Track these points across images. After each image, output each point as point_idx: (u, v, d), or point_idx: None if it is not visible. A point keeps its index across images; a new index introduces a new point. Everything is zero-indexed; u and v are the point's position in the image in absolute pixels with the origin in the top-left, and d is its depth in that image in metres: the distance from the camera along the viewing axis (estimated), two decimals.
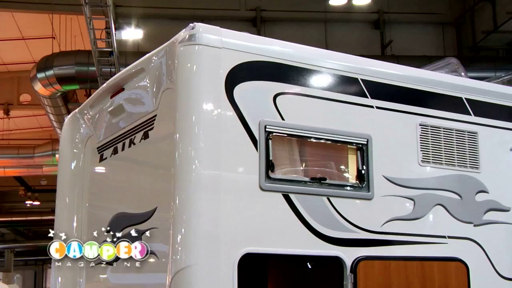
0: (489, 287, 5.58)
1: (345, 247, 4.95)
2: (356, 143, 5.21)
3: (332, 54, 5.52)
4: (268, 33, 16.78)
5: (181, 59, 4.76)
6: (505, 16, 18.29)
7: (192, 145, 4.60)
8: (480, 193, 5.72)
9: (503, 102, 6.12)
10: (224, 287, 4.43)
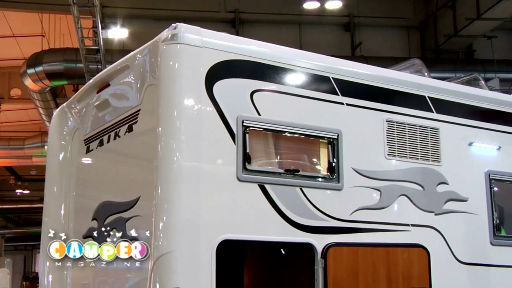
0: (448, 271, 5.63)
1: (316, 234, 4.96)
2: (327, 138, 5.22)
3: (306, 54, 5.52)
4: (246, 34, 16.78)
5: (164, 57, 4.74)
6: (465, 22, 18.46)
7: (174, 138, 4.58)
8: (441, 185, 5.77)
9: (462, 101, 6.17)
10: (203, 272, 4.42)
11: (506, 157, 6.35)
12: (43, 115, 19.51)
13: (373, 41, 19.69)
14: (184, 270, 4.37)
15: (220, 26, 16.13)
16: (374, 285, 5.05)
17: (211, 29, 5.01)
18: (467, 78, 7.32)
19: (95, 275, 5.63)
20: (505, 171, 6.27)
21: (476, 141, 6.17)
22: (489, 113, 6.33)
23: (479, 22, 18.25)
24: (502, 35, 20.88)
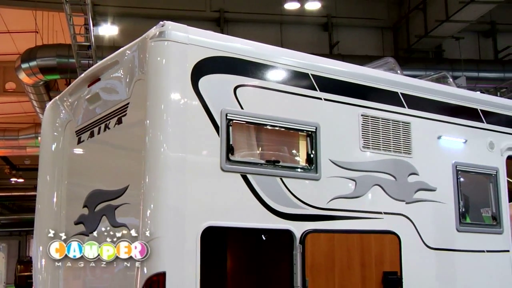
0: (417, 255, 5.66)
1: (295, 222, 4.97)
2: (306, 131, 5.22)
3: (286, 52, 5.51)
4: (230, 32, 16.76)
5: (152, 53, 4.71)
6: (434, 24, 18.59)
7: (161, 130, 4.56)
8: (411, 175, 5.80)
9: (432, 97, 6.20)
10: (188, 256, 4.42)
11: (471, 150, 6.39)
12: (36, 107, 19.43)
13: (350, 40, 19.76)
14: (170, 255, 4.36)
15: (205, 24, 16.11)
16: (349, 269, 5.07)
17: (197, 27, 4.99)
18: (436, 76, 7.36)
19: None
20: (470, 162, 6.32)
21: (445, 134, 6.21)
22: (457, 109, 6.36)
23: (448, 24, 18.39)
24: (469, 37, 21.04)
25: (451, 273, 6.01)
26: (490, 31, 21.77)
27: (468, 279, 6.09)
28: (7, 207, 38.60)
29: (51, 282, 5.78)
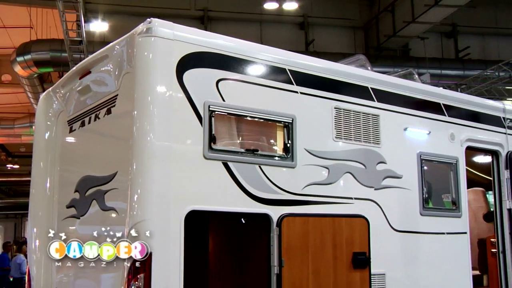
0: (384, 237, 5.70)
1: (273, 206, 4.96)
2: (283, 122, 5.21)
3: (265, 48, 5.48)
4: (213, 30, 16.75)
5: (139, 48, 4.67)
6: (402, 24, 18.71)
7: (148, 121, 4.52)
8: (380, 164, 5.82)
9: (399, 92, 6.23)
10: (173, 238, 4.40)
11: (434, 140, 6.44)
12: (31, 98, 19.30)
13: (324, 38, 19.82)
14: (156, 237, 4.33)
15: (190, 22, 16.05)
16: (321, 250, 5.08)
17: (182, 25, 4.94)
18: (403, 72, 7.39)
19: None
20: (433, 152, 6.37)
21: (410, 126, 6.24)
22: (421, 103, 6.39)
23: (414, 25, 18.52)
24: (433, 37, 21.21)
25: (415, 253, 6.05)
26: (451, 32, 21.97)
27: (430, 258, 6.15)
28: (3, 191, 38.30)
29: (45, 261, 5.69)
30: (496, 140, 7.06)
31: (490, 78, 19.60)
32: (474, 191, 8.47)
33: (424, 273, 6.07)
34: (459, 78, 19.89)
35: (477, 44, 22.10)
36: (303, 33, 19.86)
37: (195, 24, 15.87)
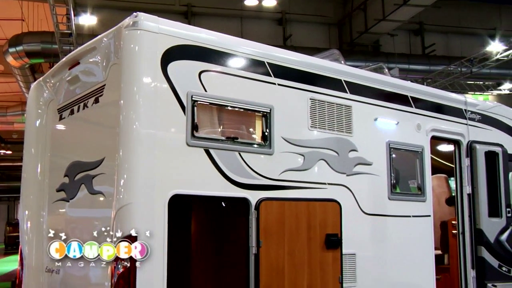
0: (355, 219, 5.72)
1: (251, 191, 4.95)
2: (262, 111, 5.18)
3: (245, 42, 5.44)
4: (196, 24, 16.64)
5: (126, 41, 4.60)
6: (373, 22, 18.81)
7: (133, 110, 4.47)
8: (352, 151, 5.83)
9: (370, 85, 6.23)
10: (157, 220, 4.37)
11: (402, 130, 6.46)
12: (22, 87, 19.13)
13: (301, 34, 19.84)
14: (141, 219, 4.30)
15: (174, 17, 15.94)
16: (297, 231, 5.09)
17: (167, 19, 4.88)
18: (374, 66, 7.38)
19: (67, 221, 5.50)
20: (401, 141, 6.39)
21: (380, 117, 6.25)
22: (390, 95, 6.41)
23: (384, 22, 18.62)
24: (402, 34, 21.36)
25: (383, 234, 6.10)
26: (419, 30, 22.14)
27: (397, 239, 6.20)
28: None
29: (36, 242, 5.67)
30: (458, 130, 7.12)
31: (453, 73, 19.79)
32: (437, 177, 8.55)
33: (391, 252, 6.12)
34: (425, 73, 20.07)
35: (441, 41, 22.30)
36: (281, 29, 19.85)
37: (179, 19, 15.74)
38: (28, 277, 5.59)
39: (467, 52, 20.38)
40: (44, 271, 5.54)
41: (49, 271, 5.49)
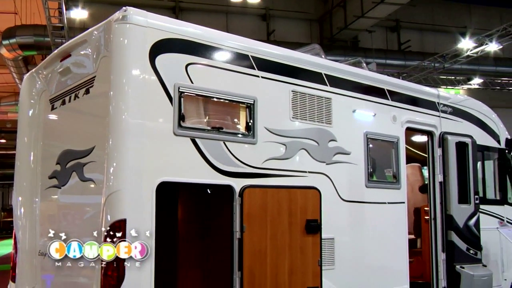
0: (333, 206, 5.73)
1: (235, 178, 4.94)
2: (246, 103, 5.16)
3: (230, 36, 5.39)
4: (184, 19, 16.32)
5: (116, 34, 4.54)
6: (352, 18, 18.85)
7: (123, 100, 4.42)
8: (331, 141, 5.83)
9: (349, 78, 6.23)
10: (145, 206, 4.34)
11: (379, 122, 6.48)
12: (16, 78, 18.92)
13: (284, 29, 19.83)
14: (130, 205, 4.27)
15: (163, 12, 15.79)
16: (278, 217, 5.09)
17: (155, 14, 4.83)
18: (353, 61, 7.38)
19: (59, 207, 5.46)
20: (377, 132, 6.41)
21: (358, 109, 6.26)
22: (368, 88, 6.41)
23: (363, 19, 18.67)
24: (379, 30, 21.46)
25: (360, 220, 6.13)
26: (395, 27, 22.25)
27: (373, 224, 6.24)
28: None
29: (29, 227, 5.62)
30: (431, 122, 7.16)
31: (427, 68, 19.92)
32: (411, 166, 8.61)
33: (368, 237, 6.16)
34: (401, 68, 20.19)
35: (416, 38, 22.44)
36: (264, 24, 19.83)
37: (167, 14, 15.62)
38: (22, 260, 5.55)
39: (440, 49, 20.54)
40: (37, 255, 5.50)
41: (42, 254, 5.45)
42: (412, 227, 8.01)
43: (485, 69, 21.19)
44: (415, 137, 8.22)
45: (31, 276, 5.47)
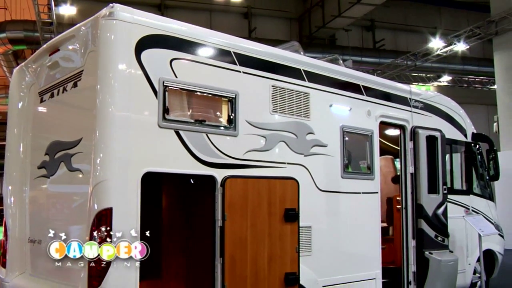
0: (311, 195, 5.75)
1: (217, 169, 4.91)
2: (228, 97, 5.13)
3: (213, 33, 5.35)
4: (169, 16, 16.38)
5: (103, 30, 4.47)
6: (330, 18, 18.88)
7: (109, 94, 4.36)
8: (309, 134, 5.84)
9: (326, 74, 6.23)
10: (131, 195, 4.30)
11: (354, 116, 6.50)
12: (6, 72, 18.63)
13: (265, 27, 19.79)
14: (116, 194, 4.22)
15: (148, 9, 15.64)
16: (258, 206, 5.09)
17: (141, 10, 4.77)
18: (330, 58, 7.38)
19: (48, 196, 5.39)
20: (353, 125, 6.43)
21: (335, 103, 6.27)
22: (344, 84, 6.43)
23: (340, 18, 18.72)
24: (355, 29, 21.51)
25: (336, 209, 6.16)
26: (370, 26, 22.35)
27: (348, 213, 6.27)
28: None
29: (19, 215, 5.58)
30: (403, 116, 7.21)
31: (400, 65, 20.07)
32: (385, 158, 8.67)
33: (343, 225, 6.19)
34: (376, 65, 20.31)
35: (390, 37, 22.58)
36: (246, 22, 19.78)
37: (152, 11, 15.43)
38: (12, 246, 5.50)
39: (412, 47, 20.70)
40: (27, 241, 5.45)
41: (32, 241, 5.41)
42: (384, 216, 8.08)
43: (453, 67, 21.44)
44: (388, 131, 8.28)
45: (21, 262, 5.43)
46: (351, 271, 6.19)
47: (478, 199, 8.39)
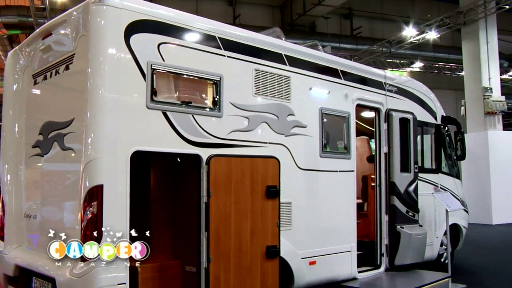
0: (291, 173, 5.77)
1: (203, 148, 4.89)
2: (213, 80, 5.08)
3: (199, 19, 5.27)
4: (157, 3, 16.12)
5: (93, 15, 4.38)
6: (311, 5, 18.77)
7: (100, 77, 4.29)
8: (290, 116, 5.83)
9: (306, 59, 6.21)
10: (120, 173, 4.27)
11: (332, 98, 6.50)
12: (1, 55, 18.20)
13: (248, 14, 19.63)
14: (106, 172, 4.19)
15: None
16: (242, 184, 5.08)
17: None
18: (310, 44, 7.35)
19: (42, 174, 5.32)
20: (331, 108, 6.44)
21: (314, 87, 6.26)
22: (323, 68, 6.41)
23: (320, 7, 18.61)
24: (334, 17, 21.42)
25: (315, 186, 6.19)
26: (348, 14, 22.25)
27: (326, 190, 6.31)
28: None
29: (15, 191, 5.52)
30: (378, 99, 7.23)
31: (376, 52, 20.08)
32: (360, 139, 8.72)
33: (321, 201, 6.23)
34: (353, 51, 20.28)
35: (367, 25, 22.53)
36: (231, 9, 19.58)
37: None
38: (9, 221, 5.46)
39: (387, 35, 20.69)
40: (23, 217, 5.41)
41: (27, 216, 5.36)
42: (360, 193, 8.15)
43: (425, 54, 21.51)
44: (364, 113, 8.30)
45: (18, 236, 5.39)
46: (328, 244, 6.24)
47: (446, 177, 8.50)
